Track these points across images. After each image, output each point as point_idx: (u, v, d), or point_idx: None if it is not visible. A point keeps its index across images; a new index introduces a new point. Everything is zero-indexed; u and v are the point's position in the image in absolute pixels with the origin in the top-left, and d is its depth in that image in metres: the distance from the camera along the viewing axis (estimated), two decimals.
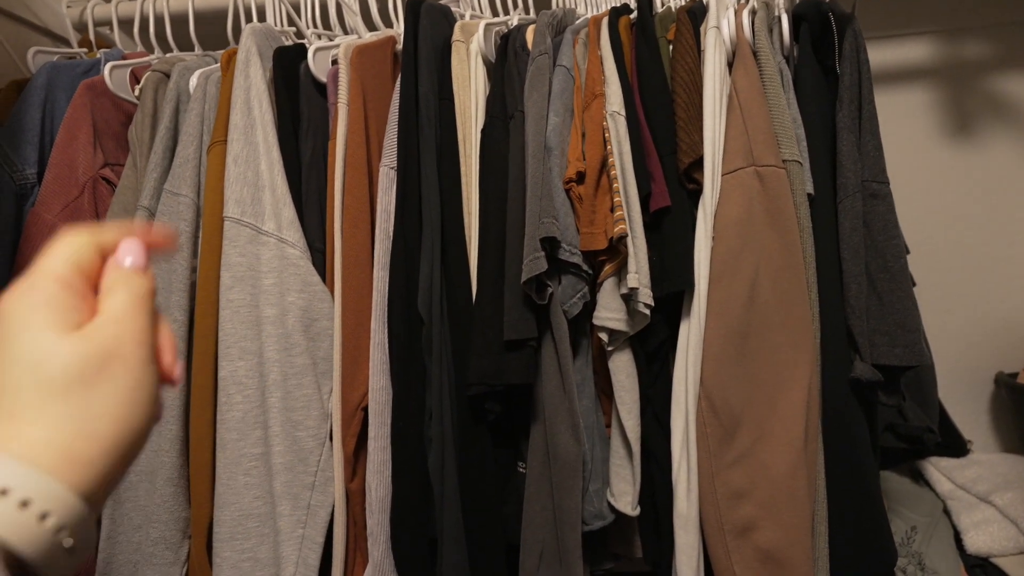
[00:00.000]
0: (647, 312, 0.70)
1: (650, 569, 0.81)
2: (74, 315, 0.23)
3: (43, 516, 0.20)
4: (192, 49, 1.00)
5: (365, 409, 0.75)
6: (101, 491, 0.22)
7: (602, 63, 0.75)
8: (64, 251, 0.25)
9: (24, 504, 0.19)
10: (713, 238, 0.72)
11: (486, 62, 0.82)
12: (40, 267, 0.24)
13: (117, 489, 0.74)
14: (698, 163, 0.73)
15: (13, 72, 1.01)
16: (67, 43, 1.06)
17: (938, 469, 1.15)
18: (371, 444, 0.74)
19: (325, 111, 0.84)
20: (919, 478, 1.18)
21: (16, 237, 0.81)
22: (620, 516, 0.76)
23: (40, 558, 0.19)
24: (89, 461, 0.21)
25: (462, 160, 0.78)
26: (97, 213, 0.84)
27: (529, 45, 0.80)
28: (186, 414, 0.76)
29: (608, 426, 0.80)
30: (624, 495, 0.76)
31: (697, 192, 0.74)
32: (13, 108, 0.88)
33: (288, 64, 0.84)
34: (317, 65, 0.84)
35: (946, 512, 1.07)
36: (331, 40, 0.93)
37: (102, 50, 1.00)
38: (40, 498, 0.20)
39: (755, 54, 0.76)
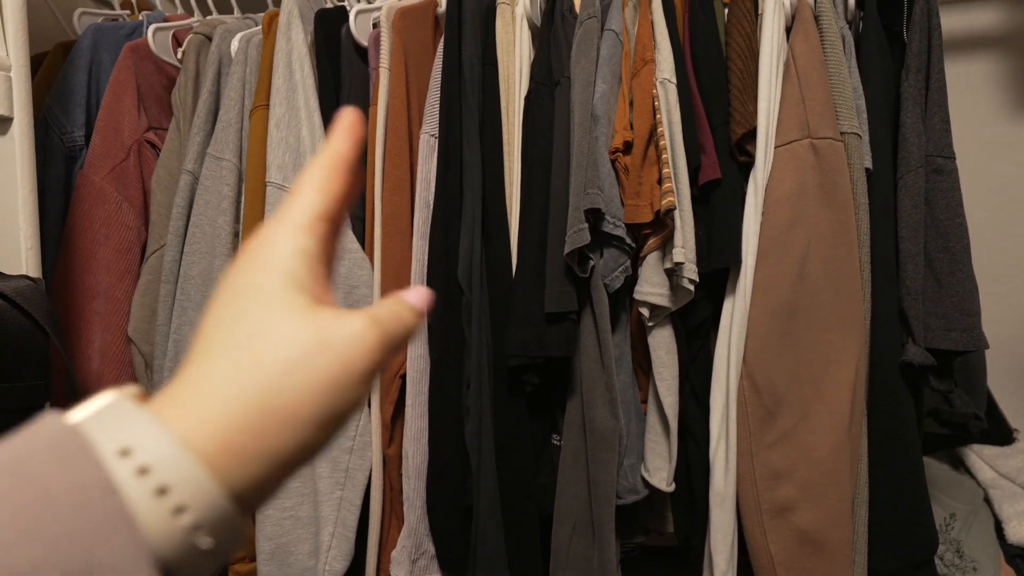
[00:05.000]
0: (691, 288, 0.68)
1: (680, 545, 0.81)
2: (310, 294, 0.21)
3: (178, 510, 0.16)
4: (231, 12, 0.99)
5: (403, 377, 0.76)
6: (257, 495, 0.19)
7: (653, 27, 0.72)
8: (302, 215, 0.22)
9: (161, 491, 0.16)
10: (763, 213, 0.70)
11: (531, 26, 0.79)
12: (281, 233, 0.22)
13: None
14: (751, 134, 0.70)
15: (59, 34, 1.02)
16: (109, 5, 1.06)
17: (980, 457, 1.11)
18: (408, 412, 0.75)
19: (366, 75, 0.83)
20: (959, 465, 1.15)
21: (66, 198, 0.83)
22: (654, 491, 0.76)
23: (169, 554, 0.16)
24: (254, 458, 0.18)
25: (505, 127, 0.76)
26: (142, 176, 0.85)
27: (577, 8, 0.77)
28: None
29: (644, 402, 0.79)
30: (659, 471, 0.75)
31: (748, 165, 0.71)
32: (60, 71, 0.89)
33: (329, 27, 0.83)
34: (358, 28, 0.83)
35: (987, 501, 1.04)
36: (371, 2, 0.91)
37: (144, 12, 1.00)
38: (181, 488, 0.16)
39: (816, 19, 0.72)
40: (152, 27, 0.89)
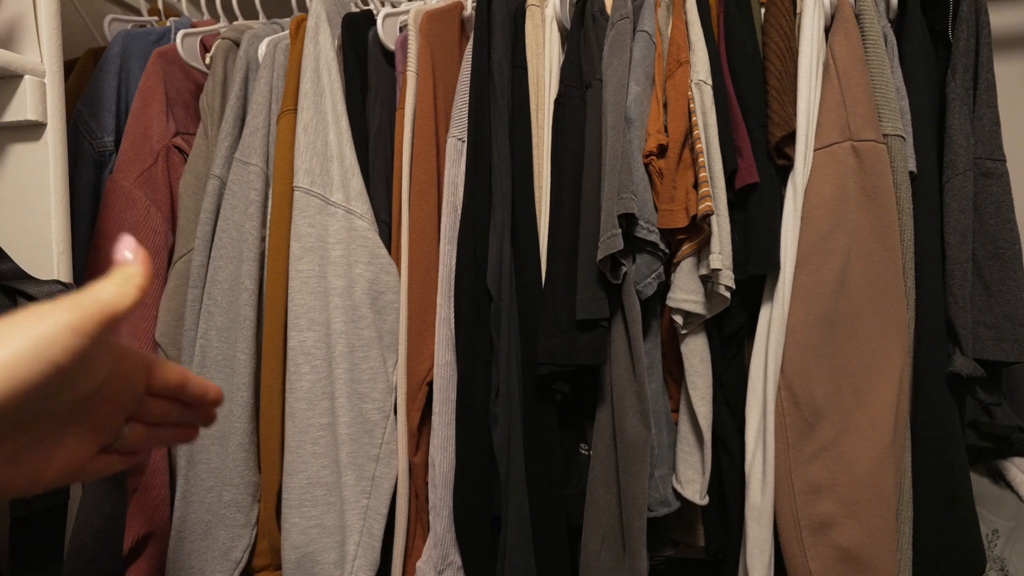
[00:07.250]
0: (727, 295, 0.66)
1: (711, 558, 0.79)
2: None
3: None
4: (256, 17, 0.99)
5: (430, 384, 0.74)
6: None
7: (687, 28, 0.70)
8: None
9: None
10: (802, 218, 0.68)
11: (561, 28, 0.78)
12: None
13: (190, 448, 0.76)
14: (790, 137, 0.68)
15: (89, 40, 1.03)
16: (137, 12, 1.07)
17: (1022, 471, 1.07)
18: (435, 419, 0.74)
19: (393, 79, 0.83)
20: (999, 479, 1.10)
21: (96, 203, 0.84)
22: (685, 504, 0.74)
23: None
24: None
25: (534, 131, 0.75)
26: (170, 181, 0.85)
27: (608, 9, 0.76)
28: (256, 381, 0.77)
29: (675, 411, 0.77)
30: (692, 483, 0.73)
31: (787, 168, 0.69)
32: (91, 76, 0.90)
33: (356, 31, 0.82)
34: (386, 32, 0.82)
35: None
36: (397, 6, 0.90)
37: (172, 18, 1.01)
38: None
39: (857, 17, 0.70)
40: (180, 33, 0.90)
